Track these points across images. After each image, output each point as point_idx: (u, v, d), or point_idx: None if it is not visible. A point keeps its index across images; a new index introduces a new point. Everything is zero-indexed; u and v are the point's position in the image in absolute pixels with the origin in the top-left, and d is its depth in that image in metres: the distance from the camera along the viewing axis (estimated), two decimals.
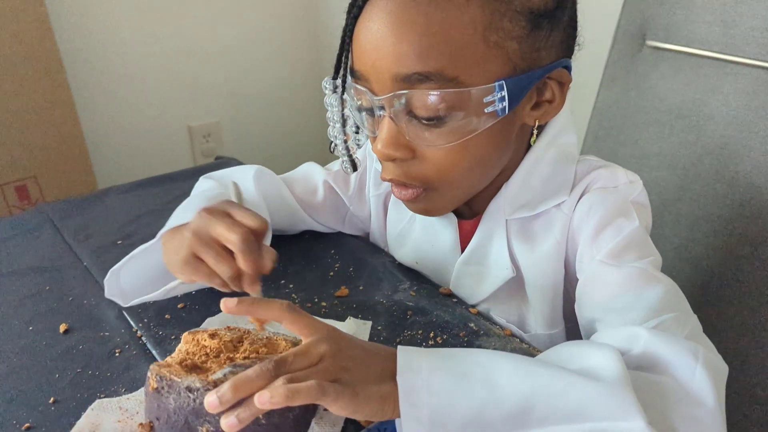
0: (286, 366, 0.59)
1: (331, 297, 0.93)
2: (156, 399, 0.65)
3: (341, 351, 0.61)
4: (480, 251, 0.90)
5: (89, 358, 0.83)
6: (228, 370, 0.64)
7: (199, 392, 0.62)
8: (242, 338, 0.74)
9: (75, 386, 0.78)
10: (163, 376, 0.64)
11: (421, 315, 0.88)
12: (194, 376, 0.64)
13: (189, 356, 0.69)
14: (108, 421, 0.71)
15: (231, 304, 0.61)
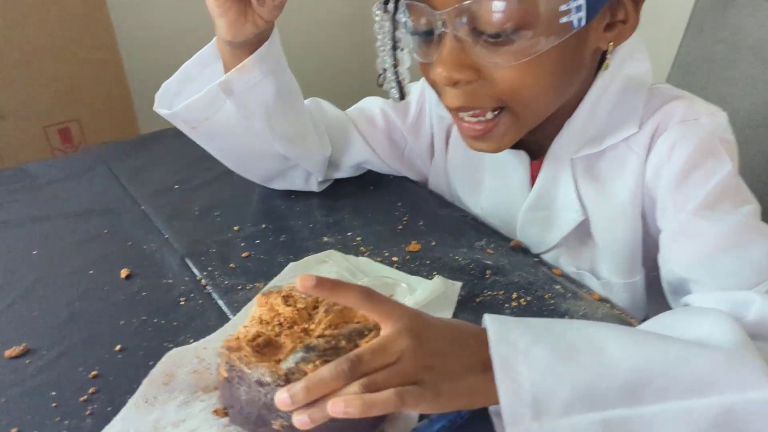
0: (362, 366, 0.52)
1: (403, 252, 0.87)
2: (227, 388, 0.61)
3: (423, 345, 0.54)
4: (545, 195, 0.85)
5: (153, 306, 0.79)
6: (300, 355, 0.60)
7: (269, 387, 0.57)
8: (317, 301, 0.69)
9: (141, 334, 0.74)
10: (233, 365, 0.60)
11: (502, 274, 0.82)
12: (264, 366, 0.59)
13: (262, 326, 0.65)
14: (183, 372, 0.67)
15: (309, 283, 0.54)
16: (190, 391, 0.66)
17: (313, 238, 0.91)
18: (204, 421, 0.63)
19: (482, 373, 0.54)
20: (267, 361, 0.61)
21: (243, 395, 0.59)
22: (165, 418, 0.63)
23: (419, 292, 0.78)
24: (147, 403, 0.65)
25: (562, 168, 0.83)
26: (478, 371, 0.55)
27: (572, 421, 0.51)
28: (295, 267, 0.83)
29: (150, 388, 0.66)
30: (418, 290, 0.78)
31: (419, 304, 0.76)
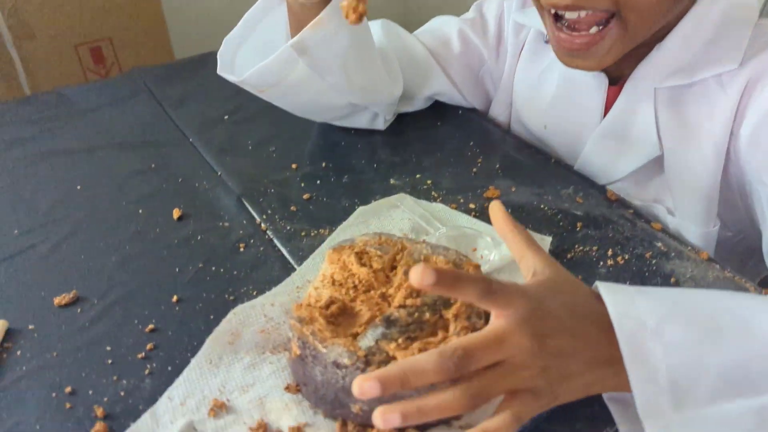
0: (471, 362, 0.44)
1: (480, 198, 0.79)
2: (301, 366, 0.54)
3: (544, 343, 0.45)
4: (621, 123, 0.77)
5: (211, 252, 0.72)
6: (380, 331, 0.53)
7: (347, 370, 0.51)
8: (395, 259, 0.61)
9: (198, 284, 0.68)
10: (306, 342, 0.53)
11: (594, 227, 0.74)
12: (341, 344, 0.52)
13: (335, 289, 0.58)
14: (249, 331, 0.61)
15: (429, 280, 0.43)
16: (257, 352, 0.60)
17: (378, 180, 0.83)
18: (273, 388, 0.57)
19: (605, 368, 0.47)
20: (343, 334, 0.54)
21: (318, 375, 0.53)
22: (231, 382, 0.57)
23: (505, 247, 0.69)
24: (211, 364, 0.59)
25: (643, 96, 0.75)
26: (600, 366, 0.47)
27: (722, 410, 0.43)
28: (364, 212, 0.75)
29: (214, 347, 0.59)
30: (503, 244, 0.70)
31: (505, 260, 0.68)
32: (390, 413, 0.43)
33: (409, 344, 0.52)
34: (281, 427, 0.54)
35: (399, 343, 0.52)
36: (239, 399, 0.56)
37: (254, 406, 0.55)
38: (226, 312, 0.62)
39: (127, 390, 0.57)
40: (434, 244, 0.63)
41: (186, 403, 0.55)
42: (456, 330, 0.53)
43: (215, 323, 0.61)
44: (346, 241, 0.63)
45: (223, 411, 0.55)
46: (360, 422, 0.53)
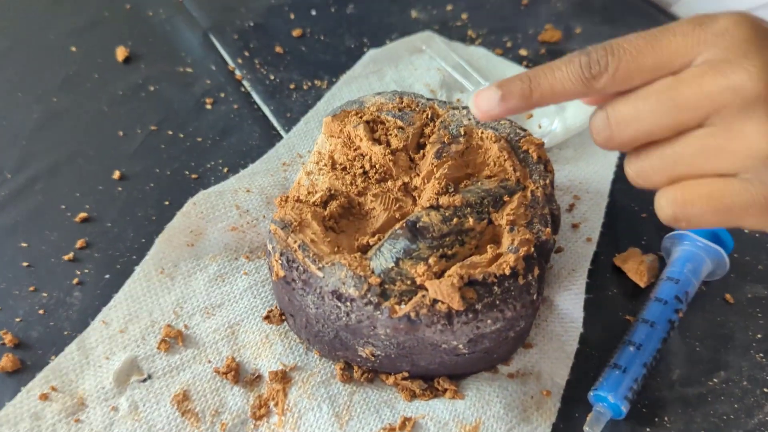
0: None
1: (533, 41, 0.58)
2: (285, 291, 0.38)
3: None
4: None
5: (167, 109, 0.54)
6: (402, 246, 0.36)
7: (355, 304, 0.35)
8: (423, 134, 0.42)
9: (149, 154, 0.50)
10: (293, 259, 0.36)
11: None
12: (345, 264, 0.35)
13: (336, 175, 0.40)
14: (216, 228, 0.44)
15: (488, 102, 0.29)
16: (226, 258, 0.43)
17: (396, 13, 0.62)
18: (248, 313, 0.41)
19: None
20: (347, 246, 0.37)
21: (311, 307, 0.36)
22: (191, 300, 0.42)
23: (571, 112, 0.50)
24: (164, 273, 0.42)
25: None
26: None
27: None
28: (377, 58, 0.56)
29: (167, 249, 0.43)
30: (569, 108, 0.51)
31: (572, 131, 0.50)
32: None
33: (445, 265, 0.35)
34: (260, 370, 0.38)
35: (429, 265, 0.35)
36: (201, 326, 0.41)
37: (222, 336, 0.40)
38: (186, 195, 0.45)
39: (47, 306, 0.42)
40: None
41: (127, 330, 0.40)
42: (514, 245, 0.36)
43: (172, 211, 0.45)
44: (352, 104, 0.44)
45: (179, 343, 0.40)
46: (371, 368, 0.38)
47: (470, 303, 0.34)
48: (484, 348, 0.37)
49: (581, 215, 0.46)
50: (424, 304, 0.34)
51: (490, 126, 0.43)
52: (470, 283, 0.35)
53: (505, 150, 0.41)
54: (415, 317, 0.34)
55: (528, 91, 0.30)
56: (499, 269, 0.35)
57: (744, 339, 0.40)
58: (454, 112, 0.44)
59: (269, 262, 0.39)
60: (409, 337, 0.35)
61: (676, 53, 0.27)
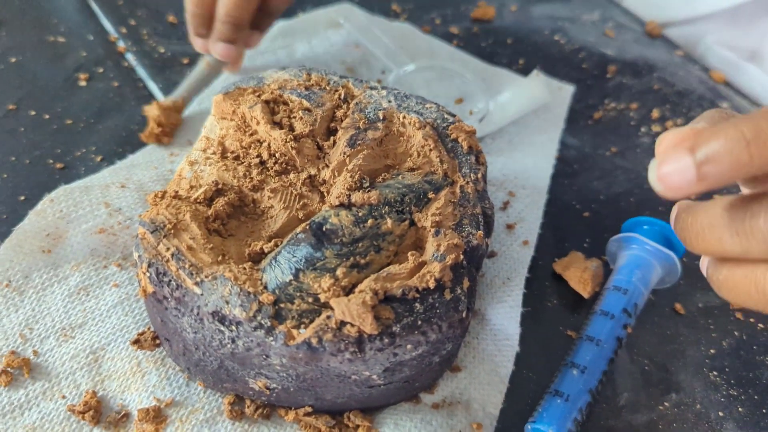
0: None
1: (466, 19, 0.53)
2: (157, 311, 0.30)
3: None
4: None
5: (31, 85, 0.44)
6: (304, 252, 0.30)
7: (242, 329, 0.28)
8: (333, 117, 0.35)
9: (3, 138, 0.41)
10: (164, 272, 0.29)
11: (631, 74, 0.50)
12: (229, 277, 0.28)
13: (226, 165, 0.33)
14: (79, 231, 0.36)
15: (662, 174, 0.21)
16: (92, 266, 0.35)
17: None
18: (117, 334, 0.33)
19: None
20: (235, 253, 0.30)
21: (188, 331, 0.29)
22: (44, 320, 0.34)
23: (506, 96, 0.45)
24: (9, 286, 0.34)
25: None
26: None
27: None
28: (286, 30, 0.48)
29: (16, 257, 0.35)
30: (504, 93, 0.45)
31: (508, 115, 0.44)
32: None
33: (356, 278, 0.29)
34: (127, 406, 0.31)
35: (337, 277, 0.28)
36: (56, 352, 0.33)
37: (82, 365, 0.32)
38: (49, 189, 0.37)
39: None
40: (402, 93, 0.37)
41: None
42: (439, 252, 0.30)
43: (26, 211, 0.35)
44: (249, 80, 0.37)
45: (25, 374, 0.31)
46: (266, 402, 0.31)
47: (386, 325, 0.28)
48: (403, 377, 0.30)
49: (517, 214, 0.40)
50: (329, 328, 0.27)
51: (414, 110, 0.36)
52: (386, 300, 0.28)
53: (431, 138, 0.34)
54: (318, 344, 0.27)
55: (747, 158, 0.20)
56: (421, 282, 0.29)
57: (696, 355, 0.36)
58: (371, 93, 0.37)
59: (137, 275, 0.31)
60: (310, 367, 0.28)
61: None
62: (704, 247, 0.23)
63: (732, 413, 0.34)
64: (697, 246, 0.23)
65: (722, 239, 0.22)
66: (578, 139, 0.45)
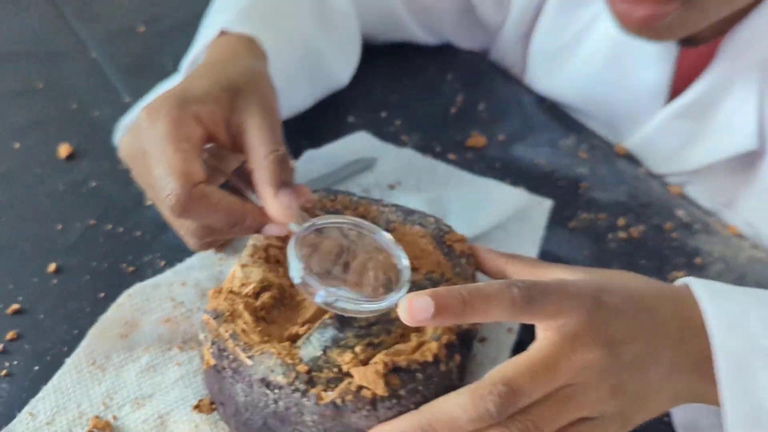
0: (518, 401, 0.33)
1: (461, 147, 0.63)
2: (216, 379, 0.39)
3: (616, 353, 0.35)
4: (706, 101, 0.59)
5: (107, 205, 0.55)
6: (330, 335, 0.38)
7: (283, 392, 0.36)
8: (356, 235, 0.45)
9: (86, 248, 0.52)
10: (224, 348, 0.38)
11: (601, 189, 0.60)
12: (274, 353, 0.37)
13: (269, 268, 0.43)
14: (149, 320, 0.45)
15: (422, 313, 0.33)
16: (159, 349, 0.44)
17: (332, 118, 0.66)
18: (180, 403, 0.41)
19: (695, 371, 0.37)
20: (277, 336, 0.39)
21: (240, 395, 0.37)
22: (121, 392, 0.42)
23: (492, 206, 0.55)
24: (94, 365, 0.43)
25: (744, 70, 0.56)
26: (686, 370, 0.37)
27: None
28: (313, 157, 0.59)
29: (100, 342, 0.44)
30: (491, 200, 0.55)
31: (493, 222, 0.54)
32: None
33: (371, 353, 0.37)
34: None
35: (356, 353, 0.37)
36: (130, 417, 0.41)
37: (152, 427, 0.40)
38: (123, 289, 0.45)
39: None
40: (407, 209, 0.47)
41: (54, 421, 0.40)
42: (436, 333, 0.38)
43: (106, 305, 0.45)
44: None
45: None
46: None
47: (394, 389, 0.36)
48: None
49: None
50: (350, 391, 0.36)
51: (417, 222, 0.46)
52: (395, 370, 0.37)
53: (431, 245, 0.44)
54: (341, 403, 0.35)
55: (460, 313, 0.33)
56: (422, 356, 0.37)
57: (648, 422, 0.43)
58: (383, 209, 0.47)
59: (201, 352, 0.40)
60: (335, 423, 0.36)
61: None
62: None
63: None
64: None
65: None
66: (555, 245, 0.54)
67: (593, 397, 0.35)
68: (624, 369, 0.35)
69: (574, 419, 0.35)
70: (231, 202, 0.40)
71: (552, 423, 0.34)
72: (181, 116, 0.41)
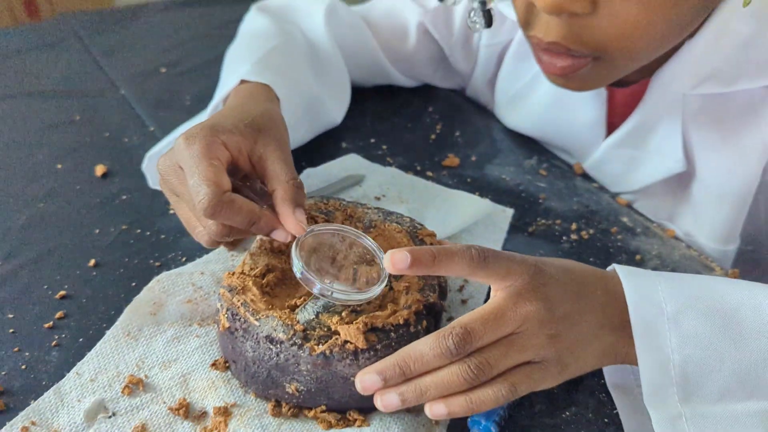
0: (472, 342, 0.42)
1: (438, 166, 0.73)
2: (229, 340, 0.48)
3: (550, 309, 0.44)
4: (640, 133, 0.69)
5: (136, 214, 0.64)
6: (321, 303, 0.47)
7: (283, 346, 0.45)
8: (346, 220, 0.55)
9: (120, 247, 0.60)
10: (236, 313, 0.47)
11: (557, 200, 0.69)
12: (276, 316, 0.46)
13: (274, 255, 0.52)
14: (174, 301, 0.54)
15: (402, 264, 0.42)
16: (182, 324, 0.53)
17: (329, 143, 0.76)
18: (199, 364, 0.50)
19: (618, 331, 0.45)
20: (279, 306, 0.48)
21: (249, 351, 0.46)
22: (151, 357, 0.51)
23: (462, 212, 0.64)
24: (129, 336, 0.52)
25: (668, 104, 0.66)
26: (610, 329, 0.45)
27: (729, 409, 0.42)
28: (312, 174, 0.69)
29: (133, 317, 0.53)
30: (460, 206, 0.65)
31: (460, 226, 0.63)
32: (388, 394, 0.43)
33: (354, 317, 0.46)
34: (206, 408, 0.47)
35: (342, 317, 0.46)
36: (159, 375, 0.49)
37: (176, 383, 0.49)
38: (150, 279, 0.55)
39: (29, 363, 0.50)
40: (387, 211, 0.57)
41: (97, 379, 0.49)
42: (407, 303, 0.48)
43: (137, 291, 0.54)
44: None
45: (140, 388, 0.48)
46: (296, 403, 0.47)
47: (372, 343, 0.45)
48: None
49: (469, 293, 0.58)
50: (337, 344, 0.45)
51: (394, 221, 0.56)
52: (373, 329, 0.46)
53: (406, 239, 0.54)
54: (329, 354, 0.45)
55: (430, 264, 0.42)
56: (395, 320, 0.47)
57: (591, 383, 0.52)
58: (367, 210, 0.57)
59: (217, 318, 0.49)
60: (325, 371, 0.45)
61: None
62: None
63: (614, 421, 0.49)
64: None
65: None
66: (516, 247, 0.63)
67: (534, 343, 0.43)
68: (559, 321, 0.43)
69: (520, 361, 0.43)
70: (251, 207, 0.48)
71: (501, 362, 0.42)
72: (213, 141, 0.49)
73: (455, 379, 0.42)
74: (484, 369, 0.42)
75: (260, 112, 0.55)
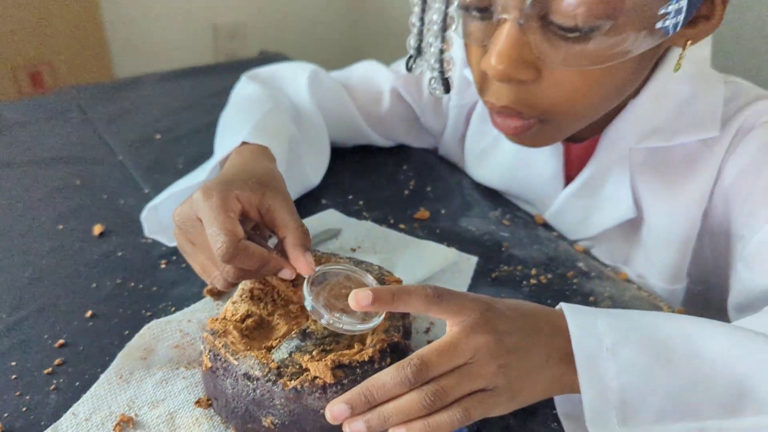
0: (428, 371, 0.46)
1: (410, 219, 0.79)
2: (211, 378, 0.53)
3: (500, 341, 0.48)
4: (593, 183, 0.75)
5: (130, 268, 0.70)
6: (294, 344, 0.52)
7: (259, 382, 0.50)
8: None
9: (115, 299, 0.66)
10: (217, 354, 0.52)
11: (519, 248, 0.75)
12: (253, 356, 0.51)
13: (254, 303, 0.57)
14: (163, 346, 0.59)
15: (365, 302, 0.48)
16: (170, 367, 0.58)
17: (310, 200, 0.83)
18: (184, 403, 0.55)
19: (563, 364, 0.49)
20: (257, 347, 0.53)
21: (229, 388, 0.51)
22: (141, 397, 0.55)
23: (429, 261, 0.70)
24: (121, 379, 0.56)
25: (617, 156, 0.72)
26: (557, 361, 0.49)
27: (664, 430, 0.46)
28: None
29: (126, 362, 0.58)
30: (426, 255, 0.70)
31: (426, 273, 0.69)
32: (355, 422, 0.46)
33: (323, 356, 0.51)
34: None
35: (313, 355, 0.51)
36: (148, 414, 0.54)
37: (163, 421, 0.53)
38: (143, 327, 0.60)
39: (29, 406, 0.54)
40: (357, 260, 0.62)
41: (91, 418, 0.53)
42: (372, 342, 0.53)
43: (130, 339, 0.59)
44: None
45: (130, 426, 0.53)
46: None
47: (339, 378, 0.50)
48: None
49: (434, 335, 0.63)
50: (307, 380, 0.50)
51: (365, 269, 0.61)
52: (340, 366, 0.51)
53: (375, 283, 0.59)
54: (300, 389, 0.49)
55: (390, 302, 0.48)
56: (360, 357, 0.52)
57: (544, 413, 0.56)
58: (339, 260, 0.63)
59: (201, 360, 0.54)
60: (297, 405, 0.50)
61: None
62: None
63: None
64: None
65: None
66: (479, 292, 0.69)
67: (486, 372, 0.47)
68: (509, 352, 0.47)
69: (474, 389, 0.47)
70: (262, 252, 0.55)
71: (456, 389, 0.46)
72: (228, 195, 0.56)
73: (414, 406, 0.46)
74: (440, 395, 0.46)
75: (264, 171, 0.63)
